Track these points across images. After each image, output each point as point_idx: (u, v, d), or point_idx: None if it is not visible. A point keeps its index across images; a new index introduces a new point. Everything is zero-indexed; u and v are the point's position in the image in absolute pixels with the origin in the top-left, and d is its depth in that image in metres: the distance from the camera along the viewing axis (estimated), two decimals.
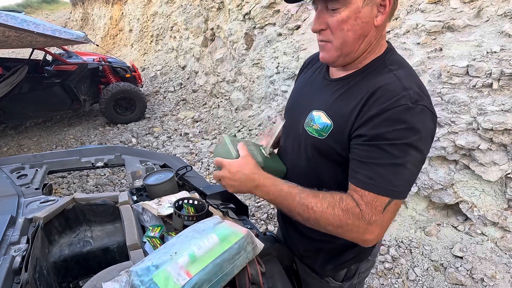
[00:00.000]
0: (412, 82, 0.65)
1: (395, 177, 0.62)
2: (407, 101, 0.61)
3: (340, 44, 0.69)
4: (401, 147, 0.61)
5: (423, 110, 0.62)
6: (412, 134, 0.61)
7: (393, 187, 0.62)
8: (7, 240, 0.83)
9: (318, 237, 0.86)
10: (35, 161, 1.36)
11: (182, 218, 0.97)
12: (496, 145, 1.96)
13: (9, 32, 3.21)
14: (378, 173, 0.63)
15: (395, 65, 0.70)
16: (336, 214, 0.65)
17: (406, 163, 0.61)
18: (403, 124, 0.61)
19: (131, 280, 0.66)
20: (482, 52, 2.05)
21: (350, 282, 0.91)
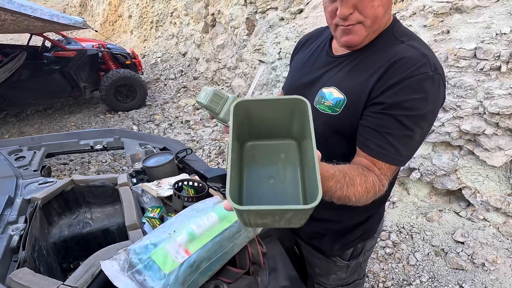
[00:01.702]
0: (426, 48, 0.67)
1: (404, 148, 0.65)
2: (428, 68, 0.62)
3: (371, 22, 0.67)
4: (415, 119, 0.63)
5: (440, 80, 0.63)
6: (427, 105, 0.63)
7: (401, 157, 0.65)
8: (5, 220, 0.82)
9: (326, 218, 0.85)
10: (33, 144, 1.34)
11: (182, 199, 0.96)
12: (502, 129, 1.92)
13: (5, 15, 3.15)
14: (390, 143, 0.64)
15: (404, 36, 0.69)
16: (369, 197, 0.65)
17: (416, 135, 0.64)
18: (422, 93, 0.62)
19: (130, 258, 0.65)
20: (491, 34, 1.98)
21: (357, 261, 0.91)
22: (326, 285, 0.97)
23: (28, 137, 1.40)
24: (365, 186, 0.65)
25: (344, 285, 0.96)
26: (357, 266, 0.93)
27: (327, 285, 0.96)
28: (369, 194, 0.64)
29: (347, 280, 0.95)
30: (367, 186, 0.64)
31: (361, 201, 0.64)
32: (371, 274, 1.95)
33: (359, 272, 0.95)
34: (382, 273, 1.95)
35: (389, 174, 0.67)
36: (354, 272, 0.93)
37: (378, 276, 1.93)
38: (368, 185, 0.65)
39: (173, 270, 0.60)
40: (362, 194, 0.64)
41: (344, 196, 0.62)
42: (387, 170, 0.66)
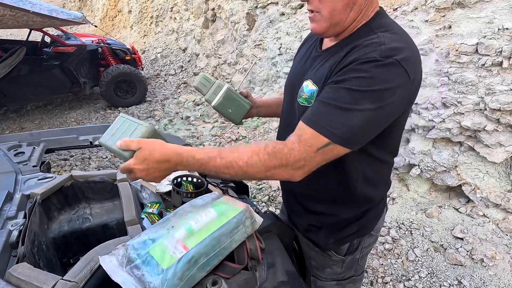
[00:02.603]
0: (394, 40, 0.63)
1: (337, 120, 0.61)
2: (376, 55, 0.60)
3: (329, 13, 0.67)
4: (354, 94, 0.60)
5: (392, 63, 0.60)
6: (370, 85, 0.60)
7: (332, 128, 0.61)
8: (4, 215, 0.83)
9: (321, 211, 0.86)
10: (32, 139, 1.35)
11: (181, 195, 0.96)
12: (503, 126, 1.91)
13: (4, 10, 3.13)
14: (322, 112, 0.63)
15: (382, 28, 0.68)
16: (262, 160, 0.64)
17: (354, 111, 0.60)
18: (364, 73, 0.60)
19: (128, 254, 0.65)
20: (493, 29, 1.96)
21: (353, 256, 0.91)
22: (321, 278, 0.97)
23: (27, 133, 1.40)
24: (252, 149, 0.65)
25: (340, 280, 0.96)
26: (354, 262, 0.93)
27: (322, 279, 0.97)
28: (265, 160, 0.63)
29: (343, 275, 0.95)
30: (263, 151, 0.64)
31: (255, 167, 0.64)
32: (370, 270, 1.96)
33: (356, 268, 0.95)
34: (381, 268, 1.96)
35: (315, 148, 0.62)
36: (350, 267, 0.94)
37: (377, 271, 1.94)
38: (268, 150, 0.64)
39: (171, 265, 0.60)
40: (252, 159, 0.63)
41: (228, 163, 0.64)
42: (315, 142, 0.62)
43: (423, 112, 2.23)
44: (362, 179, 0.79)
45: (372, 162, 0.78)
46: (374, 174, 0.80)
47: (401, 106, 0.65)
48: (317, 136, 0.62)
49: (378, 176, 0.82)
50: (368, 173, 0.78)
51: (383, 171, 0.84)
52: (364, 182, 0.79)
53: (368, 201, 0.84)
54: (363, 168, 0.77)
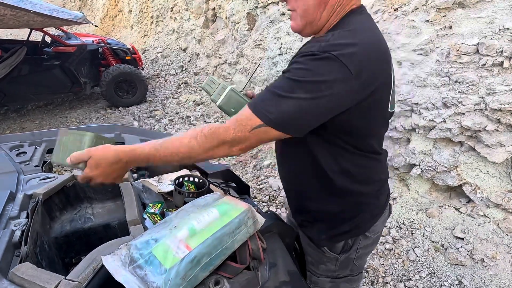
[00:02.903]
0: (340, 38, 0.65)
1: (272, 104, 0.65)
2: (314, 50, 0.64)
3: (302, 11, 0.71)
4: (291, 83, 0.65)
5: (329, 58, 0.62)
6: (304, 75, 0.63)
7: (266, 112, 0.65)
8: (7, 215, 0.83)
9: (309, 206, 0.89)
10: (34, 139, 1.35)
11: (183, 195, 0.96)
12: (503, 126, 1.92)
13: (5, 10, 3.13)
14: (264, 96, 0.68)
15: (346, 26, 0.70)
16: (200, 142, 0.70)
17: (288, 98, 0.64)
18: (302, 65, 0.65)
19: (131, 253, 0.65)
20: (494, 29, 1.96)
21: (347, 255, 0.91)
22: (316, 274, 0.98)
23: (28, 133, 1.40)
24: (191, 134, 0.71)
25: (334, 278, 0.97)
26: (349, 262, 0.93)
27: (316, 274, 0.98)
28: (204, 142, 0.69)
29: (338, 274, 0.95)
30: (200, 133, 0.70)
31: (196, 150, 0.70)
32: (370, 269, 1.96)
33: (351, 268, 0.95)
34: (382, 268, 1.96)
35: (249, 127, 0.67)
36: (345, 267, 0.94)
37: (378, 271, 1.95)
38: (204, 132, 0.70)
39: (174, 265, 0.60)
40: (191, 143, 0.70)
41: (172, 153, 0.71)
42: (250, 122, 0.67)
43: (424, 112, 2.23)
44: (339, 171, 0.80)
45: (346, 155, 0.78)
46: (353, 168, 0.80)
47: (343, 100, 0.66)
48: (252, 117, 0.67)
49: (359, 170, 0.82)
50: (345, 166, 0.79)
51: (364, 165, 0.83)
52: (342, 175, 0.80)
53: (352, 195, 0.84)
54: (338, 161, 0.79)
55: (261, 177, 2.96)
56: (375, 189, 0.88)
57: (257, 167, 3.15)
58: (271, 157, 3.24)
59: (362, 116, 0.71)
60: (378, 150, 0.84)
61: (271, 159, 3.19)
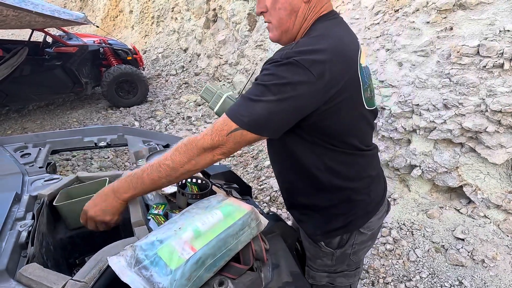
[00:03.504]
0: (303, 45, 0.70)
1: (244, 108, 0.70)
2: (278, 57, 0.70)
3: (277, 22, 0.77)
4: (259, 87, 0.69)
5: (291, 63, 0.67)
6: (270, 79, 0.68)
7: (239, 115, 0.70)
8: (13, 216, 0.84)
9: (305, 202, 0.92)
10: (38, 141, 1.36)
11: (186, 196, 0.97)
12: (504, 127, 1.92)
13: (7, 11, 3.14)
14: (236, 103, 0.73)
15: (313, 32, 0.75)
16: (182, 153, 0.74)
17: (258, 101, 0.69)
18: (267, 71, 0.70)
19: (136, 254, 0.66)
20: (495, 31, 1.97)
21: (343, 251, 0.93)
22: (313, 268, 1.00)
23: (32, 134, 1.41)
24: (173, 148, 0.75)
25: (332, 273, 0.98)
26: (345, 257, 0.94)
27: (314, 269, 1.00)
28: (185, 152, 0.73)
29: (334, 269, 0.97)
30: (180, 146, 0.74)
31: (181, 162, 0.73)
32: (371, 270, 1.97)
33: (348, 263, 0.96)
34: (383, 269, 1.97)
35: (226, 132, 0.71)
36: (341, 262, 0.95)
37: (379, 272, 1.96)
38: (184, 142, 0.74)
39: (179, 266, 0.61)
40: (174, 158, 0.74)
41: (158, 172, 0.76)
42: (226, 127, 0.71)
43: (424, 113, 2.24)
44: (324, 169, 0.83)
45: (329, 153, 0.81)
46: (338, 165, 0.83)
47: (309, 101, 0.70)
48: (228, 121, 0.71)
49: (344, 167, 0.84)
50: (329, 163, 0.82)
51: (349, 163, 0.85)
52: (327, 172, 0.83)
53: (339, 190, 0.87)
54: (321, 159, 0.82)
55: (262, 178, 2.97)
56: (364, 185, 0.90)
57: (258, 167, 3.16)
58: None
59: (333, 115, 0.75)
60: (361, 147, 0.85)
61: None
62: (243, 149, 3.50)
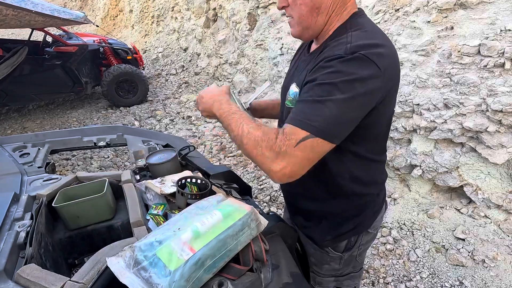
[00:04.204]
0: (361, 38, 0.67)
1: (313, 112, 0.63)
2: (342, 52, 0.65)
3: (298, 18, 0.74)
4: (325, 87, 0.63)
5: (358, 57, 0.63)
6: (337, 76, 0.63)
7: (309, 121, 0.62)
8: (11, 216, 0.83)
9: (315, 208, 0.89)
10: (37, 140, 1.35)
11: (185, 196, 0.96)
12: (505, 127, 1.92)
13: (7, 10, 3.14)
14: (300, 109, 0.65)
15: (355, 27, 0.71)
16: (257, 134, 0.66)
17: (326, 101, 0.62)
18: (331, 68, 0.64)
19: (135, 255, 0.66)
20: (496, 30, 1.96)
21: (350, 253, 0.92)
22: (320, 274, 0.99)
23: (32, 134, 1.41)
24: (259, 125, 0.68)
25: (338, 276, 0.97)
26: (352, 259, 0.94)
27: (320, 275, 0.98)
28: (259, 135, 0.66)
29: (341, 272, 0.96)
30: (261, 127, 0.67)
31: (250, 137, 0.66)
32: (371, 270, 1.97)
33: (354, 264, 0.96)
34: (383, 269, 1.97)
35: (294, 142, 0.62)
36: (348, 264, 0.95)
37: (379, 271, 1.95)
38: (263, 128, 0.67)
39: (178, 267, 0.61)
40: (252, 130, 0.67)
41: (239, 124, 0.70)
42: (294, 136, 0.62)
43: (425, 113, 2.23)
44: (349, 178, 0.81)
45: (357, 162, 0.79)
46: (362, 173, 0.82)
47: (374, 97, 0.67)
48: (295, 130, 0.63)
49: (367, 174, 0.83)
50: (355, 172, 0.80)
51: (372, 169, 0.85)
52: (351, 180, 0.81)
53: (358, 197, 0.86)
54: (349, 168, 0.80)
55: (262, 177, 2.97)
56: (378, 189, 0.91)
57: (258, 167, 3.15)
58: None
59: (380, 116, 0.73)
60: (384, 151, 0.86)
61: None
62: None
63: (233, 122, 0.72)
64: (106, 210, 1.00)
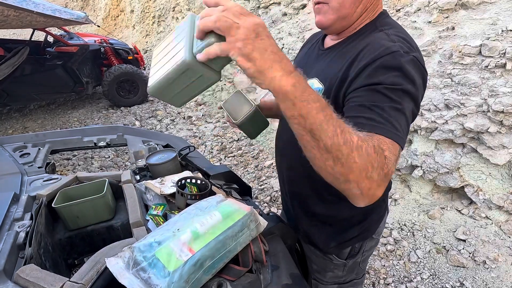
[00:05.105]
0: (401, 38, 0.64)
1: (397, 122, 0.54)
2: (398, 48, 0.60)
3: (337, 4, 0.66)
4: (398, 93, 0.56)
5: (414, 60, 0.60)
6: (407, 82, 0.58)
7: (395, 130, 0.54)
8: (11, 216, 0.83)
9: (321, 212, 0.87)
10: (37, 140, 1.35)
11: (185, 196, 0.96)
12: (506, 128, 1.91)
13: (8, 11, 3.14)
14: (380, 115, 0.54)
15: (386, 26, 0.69)
16: (369, 149, 0.48)
17: (404, 109, 0.56)
18: (397, 71, 0.58)
19: (134, 256, 0.66)
20: (497, 31, 1.96)
21: (354, 260, 0.91)
22: (323, 282, 0.97)
23: (32, 134, 1.41)
24: (366, 138, 0.49)
25: (341, 283, 0.96)
26: (355, 266, 0.93)
27: (323, 282, 0.97)
28: (371, 155, 0.47)
29: (344, 279, 0.95)
30: (371, 142, 0.49)
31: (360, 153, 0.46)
32: (372, 271, 1.96)
33: (357, 271, 0.95)
34: (383, 269, 1.96)
35: (396, 157, 0.52)
36: (351, 271, 0.94)
37: (379, 272, 1.95)
38: (374, 142, 0.50)
39: (177, 268, 0.60)
40: (360, 142, 0.47)
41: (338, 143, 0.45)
42: (394, 150, 0.52)
43: (426, 113, 2.22)
44: None
45: None
46: None
47: (419, 103, 0.64)
48: (394, 144, 0.53)
49: None
50: None
51: None
52: None
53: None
54: None
55: (263, 178, 2.97)
56: (386, 193, 0.89)
57: (259, 167, 3.15)
58: (272, 157, 3.24)
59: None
60: None
61: (272, 160, 3.19)
62: (244, 149, 3.50)
63: (325, 119, 0.46)
64: (106, 211, 1.00)
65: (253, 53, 0.43)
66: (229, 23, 0.42)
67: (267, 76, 0.44)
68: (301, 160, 0.83)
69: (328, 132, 0.46)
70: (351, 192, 0.50)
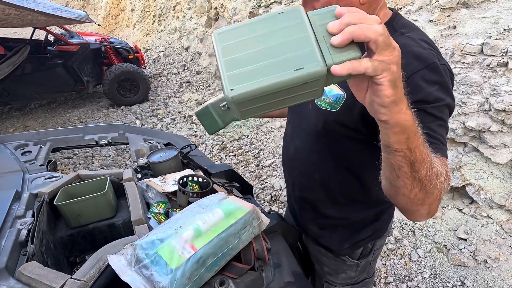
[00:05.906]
0: (426, 43, 0.64)
1: (444, 138, 0.58)
2: (434, 58, 0.60)
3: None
4: (441, 108, 0.58)
5: (445, 69, 0.61)
6: (446, 95, 0.59)
7: (445, 147, 0.57)
8: (13, 214, 0.83)
9: (334, 215, 0.86)
10: (38, 138, 1.35)
11: (187, 194, 0.96)
12: (507, 127, 1.91)
13: (9, 10, 3.14)
14: (435, 137, 0.55)
15: (404, 28, 0.68)
16: (443, 172, 0.51)
17: (447, 124, 0.59)
18: (436, 85, 0.58)
19: (136, 253, 0.66)
20: (499, 29, 1.95)
21: (366, 259, 0.91)
22: (335, 284, 0.96)
23: (33, 132, 1.41)
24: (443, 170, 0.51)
25: (354, 284, 0.96)
26: (367, 265, 0.93)
27: (336, 284, 0.96)
28: (446, 180, 0.51)
29: (357, 279, 0.95)
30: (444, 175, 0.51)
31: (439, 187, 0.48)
32: None
33: (368, 270, 0.95)
34: (384, 268, 1.96)
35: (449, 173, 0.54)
36: (363, 270, 0.93)
37: (380, 271, 1.95)
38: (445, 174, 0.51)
39: (179, 265, 0.60)
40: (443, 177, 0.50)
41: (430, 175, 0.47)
42: (448, 169, 0.55)
43: None
44: (379, 185, 0.77)
45: None
46: None
47: None
48: (446, 161, 0.56)
49: None
50: None
51: None
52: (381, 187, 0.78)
53: (382, 202, 0.83)
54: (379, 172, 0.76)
55: (263, 177, 2.97)
56: None
57: (259, 166, 3.15)
58: (273, 156, 3.24)
59: None
60: None
61: (273, 159, 3.18)
62: (244, 148, 3.50)
63: (426, 151, 0.47)
64: (108, 208, 1.00)
65: (398, 80, 0.39)
66: (390, 41, 0.36)
67: (398, 107, 0.40)
68: (315, 166, 0.83)
69: (426, 164, 0.46)
70: (419, 212, 0.51)
